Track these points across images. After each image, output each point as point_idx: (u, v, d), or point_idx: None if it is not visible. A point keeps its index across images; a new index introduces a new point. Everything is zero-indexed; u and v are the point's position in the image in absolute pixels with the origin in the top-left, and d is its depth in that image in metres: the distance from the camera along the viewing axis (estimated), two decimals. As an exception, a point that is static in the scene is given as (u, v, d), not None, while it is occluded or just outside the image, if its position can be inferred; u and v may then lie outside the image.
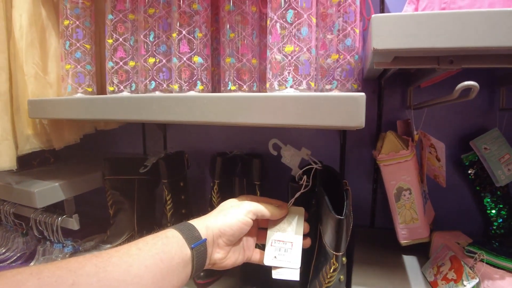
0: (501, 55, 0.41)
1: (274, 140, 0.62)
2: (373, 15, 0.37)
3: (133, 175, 0.80)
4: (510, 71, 0.67)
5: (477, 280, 0.52)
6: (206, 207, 0.79)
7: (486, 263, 0.54)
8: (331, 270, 0.50)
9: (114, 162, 0.80)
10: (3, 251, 0.93)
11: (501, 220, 0.74)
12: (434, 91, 0.73)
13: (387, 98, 0.76)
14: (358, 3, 0.53)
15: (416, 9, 0.62)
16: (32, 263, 0.85)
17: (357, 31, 0.53)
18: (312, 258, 0.57)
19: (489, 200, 0.74)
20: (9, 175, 0.82)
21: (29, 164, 0.91)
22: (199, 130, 0.96)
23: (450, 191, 0.77)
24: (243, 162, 0.78)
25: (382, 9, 0.76)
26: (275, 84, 0.48)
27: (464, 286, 0.53)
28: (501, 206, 0.74)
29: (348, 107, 0.38)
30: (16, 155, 0.68)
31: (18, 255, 0.93)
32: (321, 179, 0.57)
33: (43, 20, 0.70)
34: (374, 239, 0.76)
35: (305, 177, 0.57)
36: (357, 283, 0.59)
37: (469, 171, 0.73)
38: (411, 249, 0.68)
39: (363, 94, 0.37)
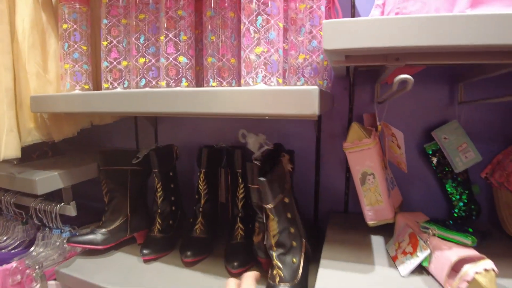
0: (442, 53, 0.49)
1: (242, 130, 0.72)
2: (323, 21, 0.45)
3: (126, 166, 0.89)
4: (466, 69, 0.76)
5: (428, 251, 0.61)
6: (194, 194, 0.88)
7: (438, 237, 0.63)
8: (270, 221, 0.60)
9: (108, 154, 0.88)
10: (4, 238, 1.01)
11: (462, 204, 0.83)
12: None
13: (358, 93, 0.85)
14: (323, 9, 0.62)
15: (382, 13, 0.70)
16: (32, 249, 0.93)
17: (322, 33, 0.62)
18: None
19: (450, 185, 0.83)
20: (11, 167, 0.91)
21: (29, 157, 0.99)
22: (187, 125, 1.05)
23: (417, 178, 0.86)
24: (227, 153, 0.87)
25: (353, 13, 0.85)
26: (249, 80, 0.56)
27: (418, 257, 0.62)
28: (461, 191, 0.83)
29: (304, 99, 0.46)
30: (20, 146, 0.77)
31: (18, 242, 1.01)
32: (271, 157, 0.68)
33: (43, 24, 0.79)
34: (347, 222, 0.85)
35: (259, 154, 0.67)
36: (325, 258, 0.68)
37: (432, 159, 0.82)
38: (379, 230, 0.77)
39: (316, 87, 0.46)
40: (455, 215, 0.83)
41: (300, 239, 0.68)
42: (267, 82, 0.55)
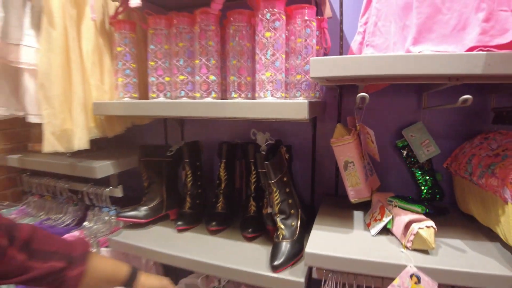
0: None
1: (253, 130, 0.99)
2: (311, 58, 0.71)
3: (162, 158, 1.15)
4: (428, 83, 1.02)
5: (391, 217, 0.86)
6: (214, 180, 1.15)
7: (398, 207, 0.89)
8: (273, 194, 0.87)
9: (147, 148, 1.15)
10: (60, 216, 1.29)
11: (427, 187, 1.08)
12: (378, 95, 1.07)
13: (344, 101, 1.11)
14: (314, 41, 0.88)
15: (363, 39, 0.96)
16: (85, 223, 1.20)
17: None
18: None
19: (418, 173, 1.08)
20: (67, 158, 1.17)
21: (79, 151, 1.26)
22: (208, 126, 1.31)
23: (392, 167, 1.11)
24: (242, 148, 1.14)
25: (341, 36, 1.11)
26: (261, 94, 0.83)
27: (383, 221, 0.88)
28: (427, 177, 1.08)
29: (298, 108, 0.72)
30: (88, 139, 1.03)
31: (71, 220, 1.28)
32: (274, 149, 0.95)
33: (101, 46, 1.05)
34: (336, 202, 1.11)
35: (264, 147, 0.93)
36: (317, 224, 0.93)
37: (403, 152, 1.08)
38: (360, 206, 1.03)
39: (305, 101, 0.72)
40: (423, 196, 1.08)
41: (297, 209, 0.94)
42: (274, 95, 0.81)
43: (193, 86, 0.94)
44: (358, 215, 1.02)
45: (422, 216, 0.82)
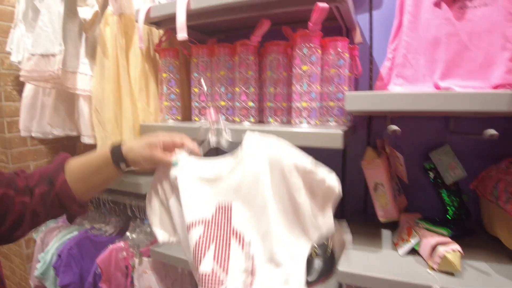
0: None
1: None
2: (346, 93, 0.79)
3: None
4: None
5: (418, 239, 0.93)
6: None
7: (425, 229, 0.95)
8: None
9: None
10: (103, 226, 1.41)
11: (454, 208, 1.13)
12: (405, 119, 1.14)
13: (374, 124, 1.18)
14: (347, 71, 0.96)
15: (392, 64, 1.03)
16: (128, 234, 1.31)
17: (346, 88, 0.96)
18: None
19: (445, 194, 1.14)
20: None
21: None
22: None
23: (418, 187, 1.17)
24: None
25: (371, 61, 1.18)
26: (297, 121, 0.91)
27: (411, 242, 0.94)
28: (453, 198, 1.13)
29: (333, 138, 0.80)
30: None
31: (113, 230, 1.40)
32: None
33: (147, 73, 1.16)
34: (365, 220, 1.18)
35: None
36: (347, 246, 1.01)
37: (430, 174, 1.14)
38: (388, 225, 1.09)
39: (340, 132, 0.79)
40: (449, 217, 1.13)
41: (329, 229, 1.02)
42: (309, 122, 0.90)
43: (233, 111, 1.04)
44: (386, 233, 1.08)
45: (449, 239, 0.88)
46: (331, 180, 0.70)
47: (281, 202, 0.71)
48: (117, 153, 0.77)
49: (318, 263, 0.96)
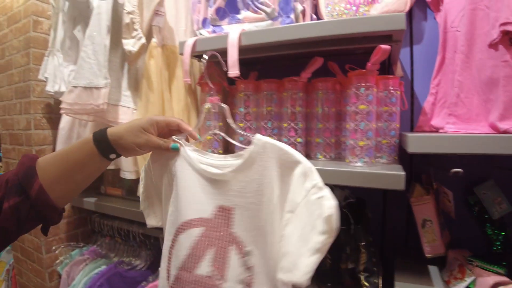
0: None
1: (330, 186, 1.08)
2: (408, 135, 0.80)
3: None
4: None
5: (473, 277, 0.93)
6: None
7: (479, 267, 0.96)
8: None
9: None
10: (133, 259, 1.39)
11: (498, 242, 1.14)
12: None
13: (416, 159, 1.19)
14: (398, 109, 0.98)
15: (435, 100, 1.05)
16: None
17: (398, 125, 0.97)
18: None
19: (489, 228, 1.15)
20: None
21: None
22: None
23: (463, 222, 1.18)
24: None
25: (412, 95, 1.20)
26: (352, 160, 0.92)
27: (466, 281, 0.94)
28: (498, 232, 1.14)
29: (396, 179, 0.81)
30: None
31: (144, 263, 1.38)
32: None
33: (189, 105, 1.17)
34: (409, 255, 1.18)
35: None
36: (398, 282, 1.00)
37: (474, 209, 1.15)
38: (433, 261, 1.09)
39: (403, 173, 0.81)
40: (494, 250, 1.14)
41: (379, 266, 1.02)
42: (365, 162, 0.91)
43: (281, 147, 1.04)
44: (433, 270, 1.08)
45: (507, 279, 0.89)
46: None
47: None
48: (103, 142, 0.69)
49: (369, 302, 0.96)
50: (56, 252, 1.47)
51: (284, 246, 0.62)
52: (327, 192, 0.63)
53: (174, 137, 0.76)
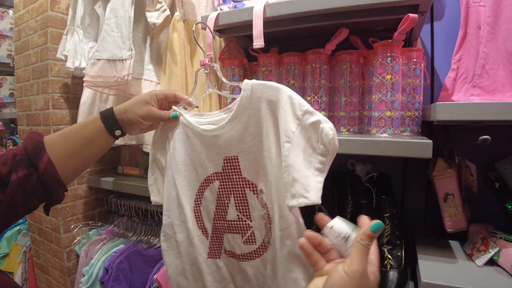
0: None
1: (351, 160, 1.09)
2: (436, 103, 0.81)
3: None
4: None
5: (497, 248, 0.94)
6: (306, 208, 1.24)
7: (504, 239, 0.96)
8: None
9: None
10: (152, 238, 1.40)
11: (520, 219, 1.15)
12: (468, 129, 1.16)
13: (436, 134, 1.20)
14: (422, 81, 0.98)
15: (456, 75, 1.06)
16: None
17: (421, 98, 0.98)
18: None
19: (510, 205, 1.16)
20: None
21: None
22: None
23: (483, 198, 1.19)
24: (336, 177, 1.23)
25: (433, 72, 1.21)
26: (377, 131, 0.93)
27: (490, 252, 0.95)
28: (518, 209, 1.15)
29: (423, 147, 0.82)
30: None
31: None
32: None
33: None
34: (427, 231, 1.19)
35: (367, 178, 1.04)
36: (420, 254, 1.01)
37: (495, 184, 1.16)
38: (453, 237, 1.10)
39: (430, 141, 0.81)
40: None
41: (402, 240, 1.03)
42: (392, 133, 0.91)
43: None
44: (454, 244, 1.09)
45: (531, 249, 0.90)
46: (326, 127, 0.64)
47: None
48: (110, 118, 0.73)
49: (393, 274, 0.97)
50: (74, 232, 1.48)
51: (291, 174, 0.64)
52: (319, 116, 0.65)
53: (174, 107, 0.81)
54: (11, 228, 1.86)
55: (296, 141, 0.65)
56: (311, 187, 0.62)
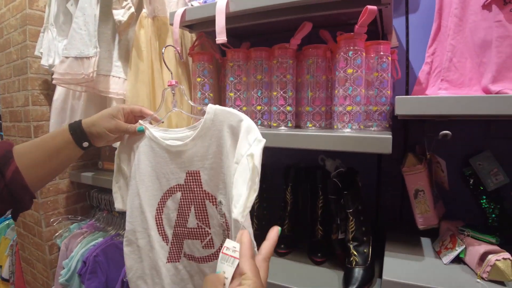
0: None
1: (321, 156, 1.06)
2: (396, 97, 0.77)
3: (229, 180, 1.24)
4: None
5: (464, 246, 0.91)
6: (280, 203, 1.22)
7: (471, 237, 0.93)
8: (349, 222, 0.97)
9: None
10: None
11: (494, 215, 1.11)
12: (443, 125, 1.12)
13: (411, 128, 1.16)
14: (389, 75, 0.95)
15: (430, 69, 1.02)
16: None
17: (389, 92, 0.95)
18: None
19: (485, 201, 1.12)
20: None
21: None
22: (270, 150, 1.39)
23: (458, 194, 1.15)
24: (308, 172, 1.21)
25: (407, 65, 1.17)
26: (340, 126, 0.90)
27: (456, 250, 0.92)
28: (494, 205, 1.11)
29: (383, 143, 0.79)
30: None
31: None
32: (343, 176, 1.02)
33: (180, 77, 1.16)
34: (401, 228, 1.16)
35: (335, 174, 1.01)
36: (388, 250, 0.98)
37: (470, 180, 1.12)
38: (427, 234, 1.07)
39: (390, 136, 0.78)
40: (489, 224, 1.11)
41: (369, 236, 1.00)
42: (353, 128, 0.88)
43: (269, 115, 1.02)
44: (425, 241, 1.06)
45: (498, 248, 0.86)
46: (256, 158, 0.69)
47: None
48: (78, 130, 0.75)
49: (358, 271, 0.94)
50: (55, 225, 1.48)
51: (233, 190, 0.68)
52: (261, 145, 0.71)
53: (140, 121, 0.84)
54: (1, 222, 1.88)
55: (242, 162, 0.69)
56: (239, 204, 0.65)
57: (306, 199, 1.22)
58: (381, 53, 0.94)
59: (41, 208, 1.45)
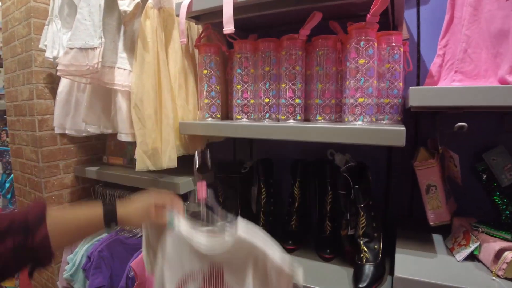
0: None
1: (330, 150, 1.04)
2: (410, 88, 0.75)
3: (236, 174, 1.21)
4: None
5: (478, 243, 0.88)
6: (286, 198, 1.19)
7: (485, 233, 0.90)
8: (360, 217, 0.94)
9: (223, 164, 1.22)
10: (134, 228, 1.38)
11: (508, 212, 1.08)
12: (456, 117, 1.09)
13: (422, 122, 1.13)
14: (401, 67, 0.92)
15: (442, 61, 0.99)
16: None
17: (401, 84, 0.92)
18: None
19: (498, 197, 1.08)
20: (150, 173, 1.25)
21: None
22: (277, 143, 1.36)
23: (470, 190, 1.12)
24: (316, 167, 1.18)
25: (419, 58, 1.14)
26: (351, 119, 0.87)
27: (470, 247, 0.89)
28: (507, 202, 1.08)
29: (396, 135, 0.76)
30: (176, 158, 1.12)
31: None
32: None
33: (186, 69, 1.13)
34: (412, 225, 1.13)
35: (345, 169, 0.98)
36: (399, 248, 0.96)
37: (482, 176, 1.09)
38: (438, 230, 1.04)
39: (404, 128, 0.75)
40: (503, 220, 1.08)
41: (379, 232, 0.97)
42: (365, 120, 0.85)
43: (277, 108, 1.00)
44: (437, 238, 1.03)
45: (513, 244, 0.83)
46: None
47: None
48: (111, 216, 0.78)
49: (369, 268, 0.92)
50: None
51: None
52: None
53: (169, 212, 0.84)
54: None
55: None
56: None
57: (314, 194, 1.19)
58: (393, 44, 0.91)
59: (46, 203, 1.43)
